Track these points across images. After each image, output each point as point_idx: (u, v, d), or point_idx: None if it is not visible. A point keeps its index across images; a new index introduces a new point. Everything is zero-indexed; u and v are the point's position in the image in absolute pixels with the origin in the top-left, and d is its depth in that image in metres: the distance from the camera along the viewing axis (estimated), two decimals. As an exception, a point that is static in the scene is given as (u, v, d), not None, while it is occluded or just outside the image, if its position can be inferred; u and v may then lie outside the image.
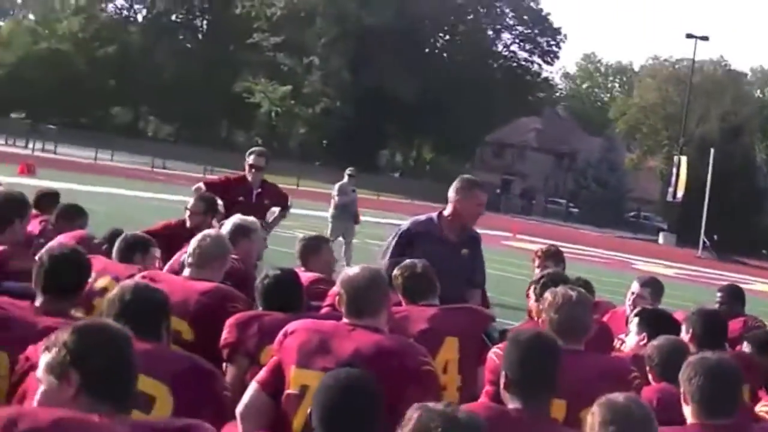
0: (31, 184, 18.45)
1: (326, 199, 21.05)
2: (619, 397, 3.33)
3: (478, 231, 7.41)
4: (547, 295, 4.71)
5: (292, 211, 11.22)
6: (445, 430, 2.82)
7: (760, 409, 4.64)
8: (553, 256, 8.10)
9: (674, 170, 57.08)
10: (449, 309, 5.36)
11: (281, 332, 4.40)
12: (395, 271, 5.53)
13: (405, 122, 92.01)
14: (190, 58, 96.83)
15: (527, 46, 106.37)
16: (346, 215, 19.23)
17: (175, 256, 6.61)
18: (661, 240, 58.64)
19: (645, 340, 5.35)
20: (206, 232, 5.83)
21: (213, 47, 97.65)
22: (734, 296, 7.98)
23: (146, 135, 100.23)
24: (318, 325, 4.47)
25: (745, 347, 5.99)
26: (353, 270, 4.57)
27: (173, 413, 3.68)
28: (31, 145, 57.14)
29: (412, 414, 2.90)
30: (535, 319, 5.33)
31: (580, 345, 4.58)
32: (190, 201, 8.52)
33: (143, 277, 5.20)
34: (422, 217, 7.32)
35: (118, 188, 33.60)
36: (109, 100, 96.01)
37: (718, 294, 8.00)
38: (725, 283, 8.60)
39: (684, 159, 56.09)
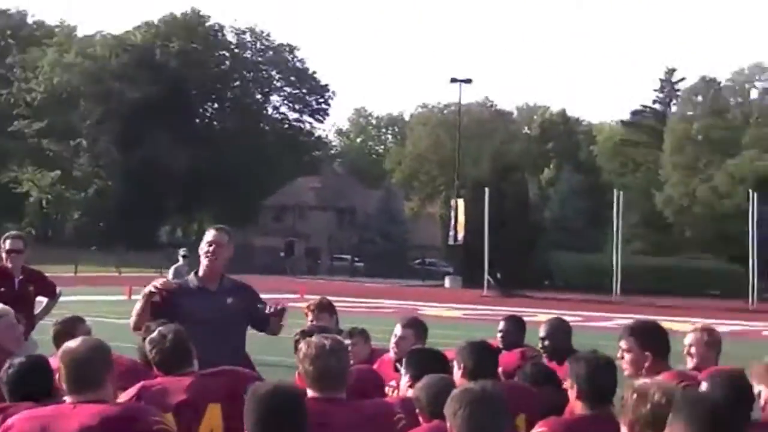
0: None
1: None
2: None
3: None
4: (301, 346, 4.59)
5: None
6: None
7: (533, 435, 4.54)
8: (325, 308, 8.01)
9: (452, 214, 58.30)
10: (208, 374, 5.12)
11: None
12: (147, 345, 5.27)
13: (182, 196, 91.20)
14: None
15: (297, 106, 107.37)
16: None
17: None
18: (447, 284, 59.45)
19: (410, 382, 5.23)
20: None
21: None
22: (514, 327, 7.99)
23: None
24: (37, 411, 4.26)
25: (521, 380, 5.97)
26: (73, 343, 4.42)
27: None
28: None
29: None
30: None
31: (340, 392, 4.48)
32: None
33: None
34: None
35: None
36: None
37: (500, 325, 8.00)
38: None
39: (461, 202, 57.42)
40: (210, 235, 7.22)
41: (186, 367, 5.10)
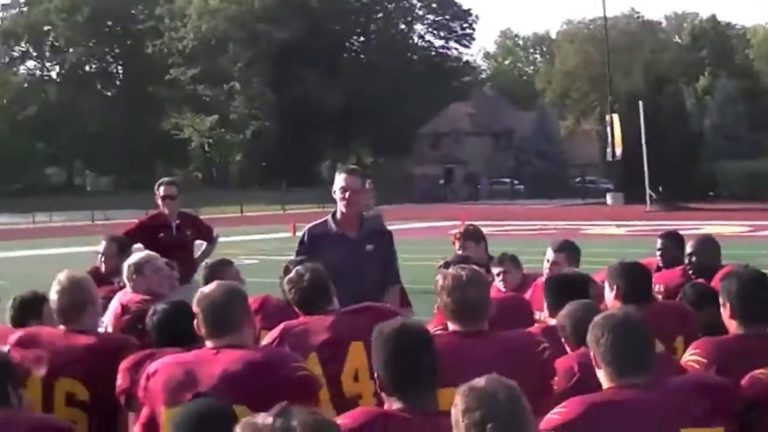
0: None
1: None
2: (480, 381, 3.01)
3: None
4: (438, 278, 4.45)
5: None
6: None
7: (687, 358, 4.34)
8: (472, 235, 7.92)
9: (608, 129, 57.28)
10: (349, 312, 5.03)
11: (143, 376, 4.13)
12: (285, 285, 5.22)
13: (338, 130, 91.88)
14: (113, 105, 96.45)
15: (442, 33, 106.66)
16: None
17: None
18: (609, 201, 58.52)
19: (549, 312, 5.13)
20: (60, 279, 5.28)
21: (133, 91, 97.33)
22: (672, 243, 7.75)
23: (84, 190, 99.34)
24: (180, 357, 4.23)
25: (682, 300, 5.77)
26: (208, 288, 4.33)
27: None
28: (-35, 220, 56.12)
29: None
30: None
31: (480, 325, 4.33)
32: (102, 245, 8.10)
33: (21, 336, 4.96)
34: (319, 221, 7.21)
35: (56, 248, 33.01)
36: (41, 162, 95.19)
37: (658, 243, 7.79)
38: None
39: (616, 116, 56.25)
40: (341, 179, 7.03)
41: (326, 305, 5.03)
